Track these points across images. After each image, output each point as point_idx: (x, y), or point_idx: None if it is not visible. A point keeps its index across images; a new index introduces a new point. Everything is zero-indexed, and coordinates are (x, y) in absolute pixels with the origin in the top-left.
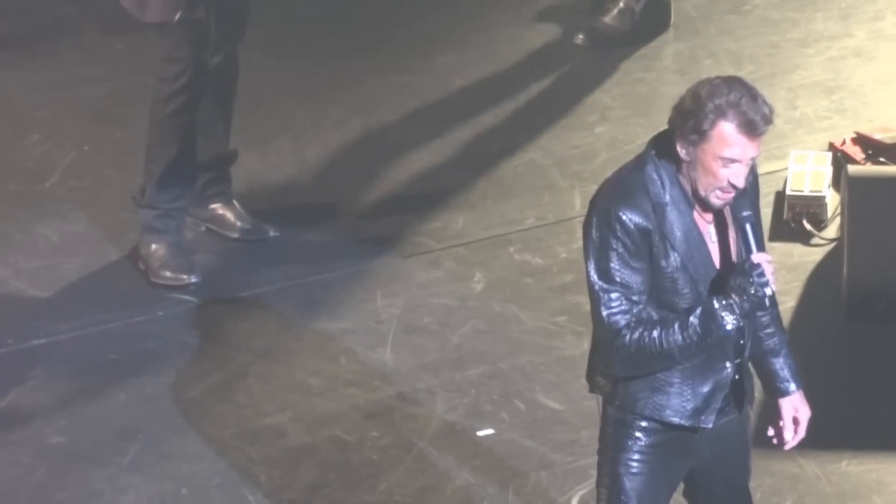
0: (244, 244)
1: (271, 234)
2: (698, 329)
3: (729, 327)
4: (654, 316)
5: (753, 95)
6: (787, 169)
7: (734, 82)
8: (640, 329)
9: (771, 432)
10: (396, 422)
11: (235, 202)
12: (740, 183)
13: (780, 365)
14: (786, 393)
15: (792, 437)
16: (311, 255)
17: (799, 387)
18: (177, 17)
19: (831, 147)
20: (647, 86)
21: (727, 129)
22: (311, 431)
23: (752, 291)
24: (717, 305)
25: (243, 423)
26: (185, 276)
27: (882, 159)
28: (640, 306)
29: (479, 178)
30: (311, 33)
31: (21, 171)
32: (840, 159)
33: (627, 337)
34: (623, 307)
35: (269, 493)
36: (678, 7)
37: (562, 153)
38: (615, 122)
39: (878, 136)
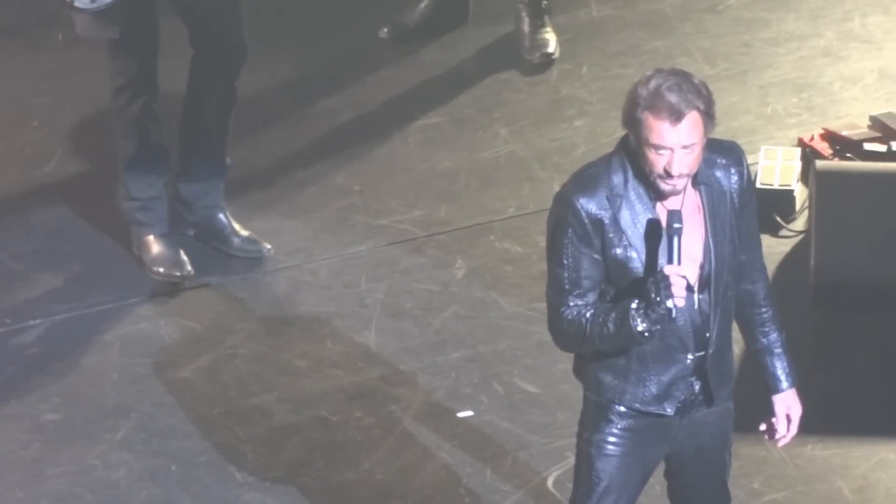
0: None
1: (266, 250)
2: (616, 323)
3: (639, 329)
4: (607, 300)
5: (679, 84)
6: (757, 163)
7: (665, 72)
8: (577, 311)
9: (763, 427)
10: (379, 403)
11: (227, 215)
12: (674, 170)
13: (773, 363)
14: (776, 390)
15: (784, 434)
16: (299, 242)
17: (791, 385)
18: (81, 33)
19: (800, 143)
20: (625, 81)
21: (650, 116)
22: (297, 411)
23: (657, 302)
24: (633, 306)
25: (231, 403)
26: (177, 273)
27: (849, 155)
28: (585, 289)
29: (461, 168)
30: (302, 29)
31: (20, 156)
32: (808, 154)
33: (565, 317)
34: (566, 288)
35: (255, 470)
36: (655, 7)
37: (542, 145)
38: (593, 115)
39: (845, 132)
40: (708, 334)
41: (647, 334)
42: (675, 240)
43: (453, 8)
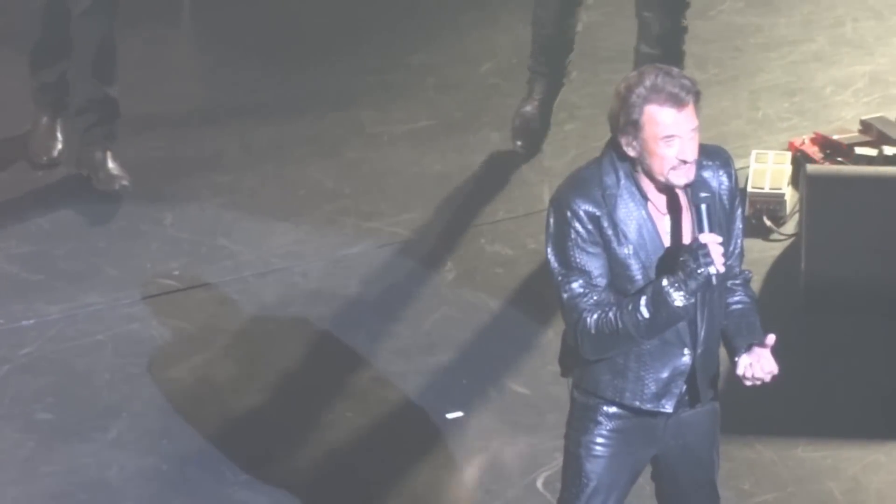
0: (218, 235)
1: (119, 185)
2: (649, 306)
3: (677, 304)
4: (613, 299)
5: (668, 72)
6: (748, 167)
7: (647, 68)
8: (599, 311)
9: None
10: (369, 404)
11: (108, 152)
12: (688, 156)
13: (743, 335)
14: (737, 353)
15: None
16: (290, 244)
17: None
18: None
19: (791, 147)
20: (615, 86)
21: (654, 110)
22: (288, 412)
23: (697, 270)
24: (665, 283)
25: (223, 403)
26: (44, 158)
27: (839, 159)
28: (600, 289)
29: (451, 171)
30: (295, 34)
31: (15, 158)
32: (799, 158)
33: (588, 319)
34: (582, 291)
35: (246, 469)
36: None
37: (532, 149)
38: (584, 120)
39: (836, 136)
40: (696, 334)
41: (685, 310)
42: (704, 208)
43: None
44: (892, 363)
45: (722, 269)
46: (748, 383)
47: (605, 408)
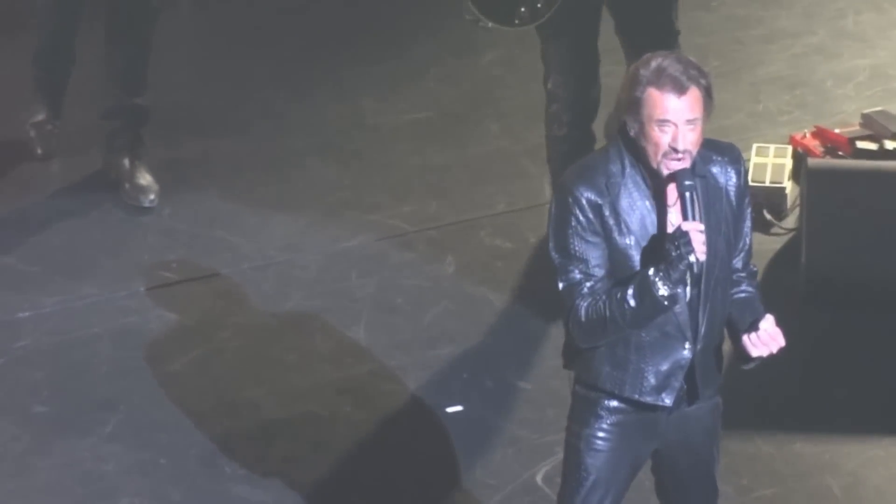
0: (217, 227)
1: (146, 202)
2: (637, 297)
3: (660, 293)
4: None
5: (679, 59)
6: (748, 161)
7: (660, 53)
8: (592, 299)
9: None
10: (369, 398)
11: (137, 162)
12: (679, 145)
13: (746, 318)
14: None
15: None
16: (289, 237)
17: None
18: None
19: (792, 140)
20: (617, 78)
21: (655, 92)
22: (286, 406)
23: (678, 258)
24: (651, 272)
25: (221, 397)
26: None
27: (840, 153)
28: (598, 278)
29: (452, 164)
30: (294, 25)
31: (11, 150)
32: (800, 152)
33: (581, 307)
34: (578, 278)
35: (244, 464)
36: None
37: (532, 141)
38: None
39: (837, 130)
40: (697, 329)
41: (669, 300)
42: (688, 196)
43: None
44: (892, 358)
45: (702, 258)
46: (755, 353)
47: (606, 401)
